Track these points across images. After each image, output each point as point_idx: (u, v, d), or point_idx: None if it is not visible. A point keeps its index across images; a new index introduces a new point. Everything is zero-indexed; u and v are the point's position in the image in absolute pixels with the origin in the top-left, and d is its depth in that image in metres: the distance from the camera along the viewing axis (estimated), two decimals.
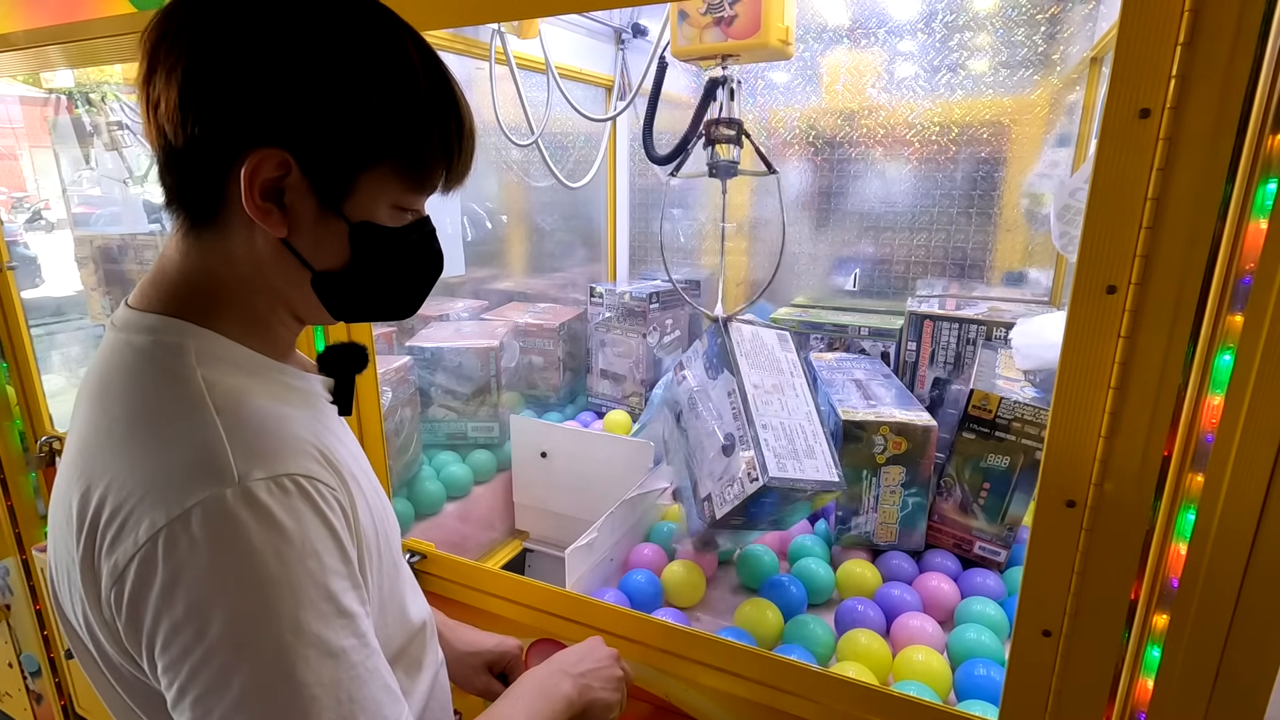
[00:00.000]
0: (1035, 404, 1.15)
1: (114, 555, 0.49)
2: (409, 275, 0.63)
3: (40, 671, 1.72)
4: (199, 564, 0.47)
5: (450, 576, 1.12)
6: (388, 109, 0.54)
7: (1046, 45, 1.50)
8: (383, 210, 0.58)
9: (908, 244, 1.75)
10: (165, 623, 0.47)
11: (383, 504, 0.66)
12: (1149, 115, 0.54)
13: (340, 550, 0.52)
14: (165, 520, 0.47)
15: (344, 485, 0.56)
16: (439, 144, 0.58)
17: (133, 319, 0.57)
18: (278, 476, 0.50)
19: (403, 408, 1.57)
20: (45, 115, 2.37)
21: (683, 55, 1.27)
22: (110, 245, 2.09)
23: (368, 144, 0.54)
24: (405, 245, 0.61)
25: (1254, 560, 0.57)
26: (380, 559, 0.62)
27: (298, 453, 0.53)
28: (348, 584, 0.52)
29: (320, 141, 0.53)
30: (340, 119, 0.53)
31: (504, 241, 2.12)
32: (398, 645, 0.67)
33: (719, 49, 1.20)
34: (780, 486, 1.06)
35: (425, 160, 0.58)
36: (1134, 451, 0.61)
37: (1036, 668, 0.70)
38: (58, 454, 1.60)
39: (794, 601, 1.18)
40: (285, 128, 0.52)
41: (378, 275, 0.60)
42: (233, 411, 0.52)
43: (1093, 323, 0.59)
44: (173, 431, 0.51)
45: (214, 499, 0.48)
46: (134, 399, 0.54)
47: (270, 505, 0.49)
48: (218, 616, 0.47)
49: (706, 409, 1.24)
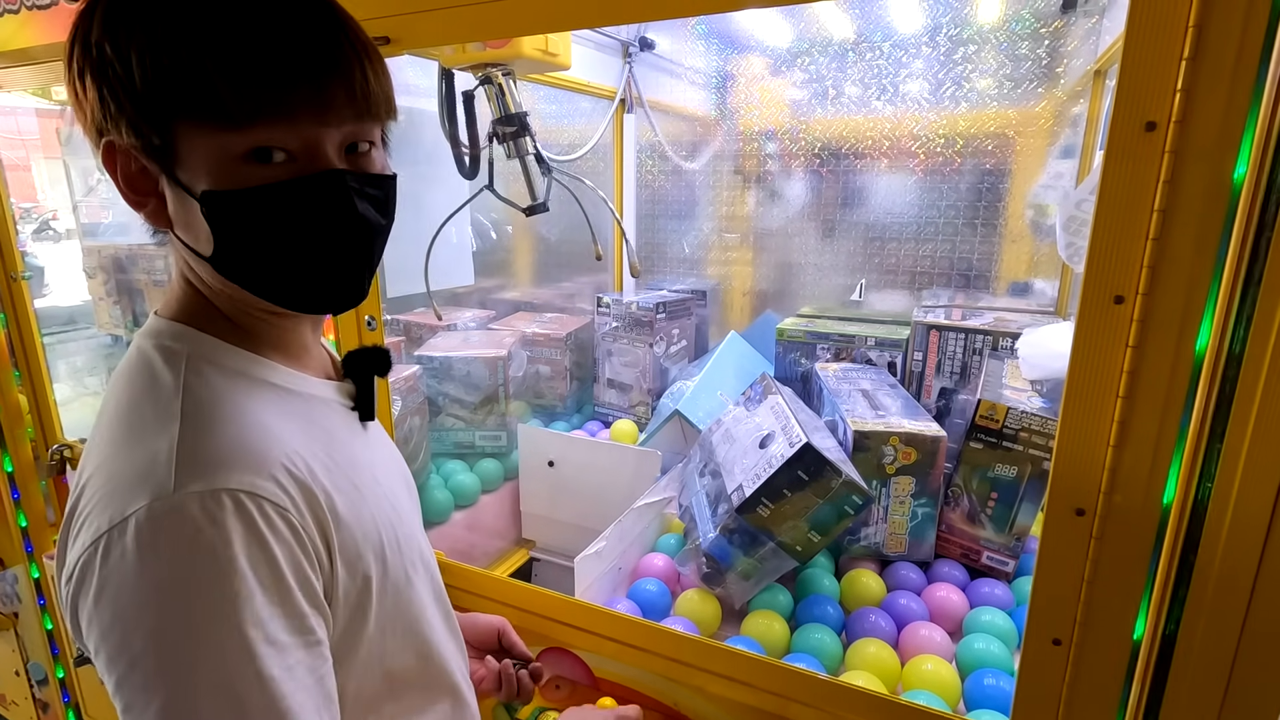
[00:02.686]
0: (1042, 414, 1.15)
1: (72, 554, 0.49)
2: (287, 239, 0.53)
3: (47, 680, 1.72)
4: (126, 574, 0.46)
5: (460, 585, 1.12)
6: (148, 53, 0.48)
7: (1050, 58, 1.51)
8: (220, 167, 0.50)
9: (914, 254, 1.76)
10: (95, 629, 0.47)
11: (398, 515, 0.64)
12: (1155, 128, 0.55)
13: (275, 573, 0.49)
14: (107, 526, 0.47)
15: (313, 501, 0.53)
16: (208, 63, 0.48)
17: (151, 325, 0.59)
18: (215, 491, 0.48)
19: (412, 416, 1.58)
20: (58, 126, 2.40)
21: (452, 64, 1.28)
22: (119, 255, 2.11)
23: (154, 97, 0.49)
24: (260, 199, 0.51)
25: (1264, 568, 0.57)
26: (386, 573, 0.60)
27: (248, 467, 0.50)
28: (278, 610, 0.49)
29: (130, 114, 0.50)
30: (127, 82, 0.49)
31: (510, 251, 2.13)
32: (400, 665, 0.63)
33: (481, 58, 1.23)
34: (817, 460, 1.07)
35: (203, 88, 0.48)
36: (1143, 460, 0.61)
37: (1046, 677, 0.70)
38: (69, 462, 1.61)
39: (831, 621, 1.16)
40: (108, 112, 0.51)
41: (247, 247, 0.53)
42: (196, 420, 0.51)
43: (1101, 333, 0.60)
44: (139, 436, 0.51)
45: (148, 509, 0.47)
46: (122, 401, 0.55)
47: (198, 520, 0.47)
48: (139, 631, 0.46)
49: (743, 432, 1.28)
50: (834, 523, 1.13)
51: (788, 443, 1.12)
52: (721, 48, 1.87)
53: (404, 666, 0.64)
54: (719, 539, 1.16)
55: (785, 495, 1.10)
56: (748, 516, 1.13)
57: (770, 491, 1.11)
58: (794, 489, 1.10)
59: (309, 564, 0.52)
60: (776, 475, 1.10)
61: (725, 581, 1.19)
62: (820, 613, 1.16)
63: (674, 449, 1.64)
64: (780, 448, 1.13)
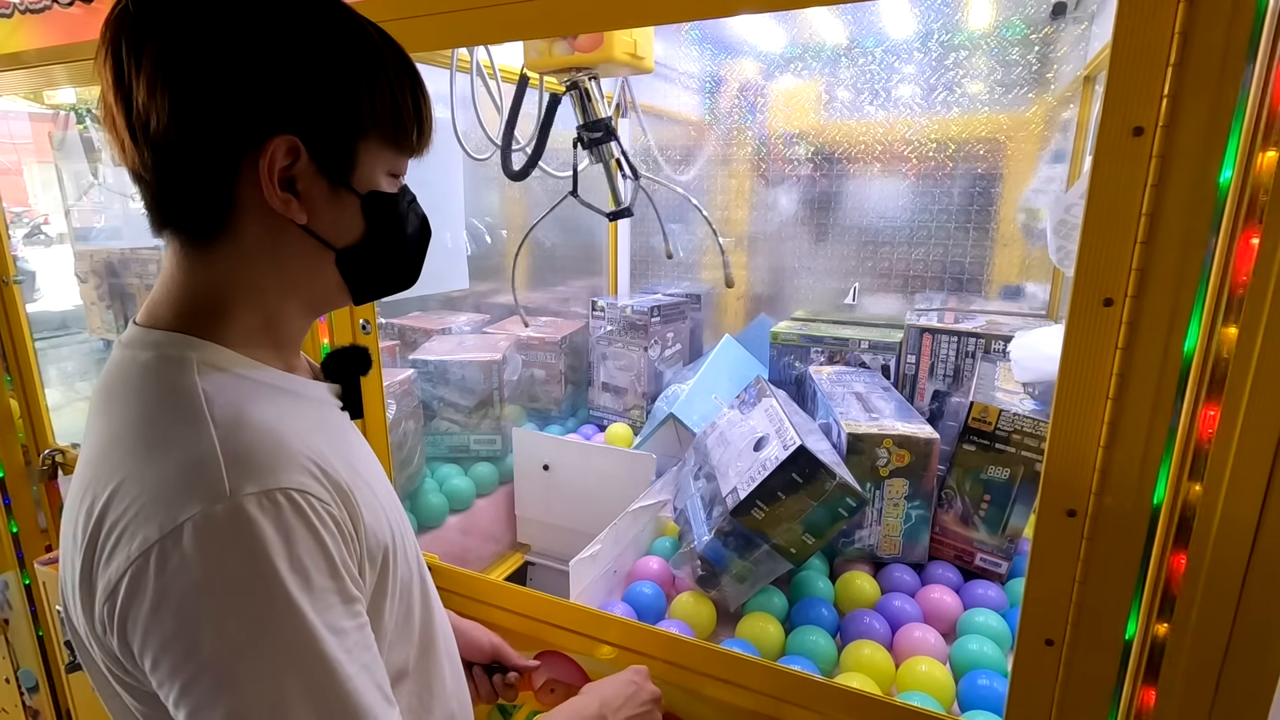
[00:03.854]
0: (1034, 416, 1.16)
1: (109, 569, 0.49)
2: (414, 238, 0.67)
3: (38, 687, 1.70)
4: (188, 580, 0.47)
5: (454, 588, 1.12)
6: (369, 79, 0.57)
7: (1040, 64, 1.53)
8: (381, 178, 0.61)
9: (906, 258, 1.77)
10: (155, 639, 0.47)
11: (399, 511, 0.66)
12: (1142, 133, 0.55)
13: (331, 565, 0.51)
14: (158, 535, 0.47)
15: (345, 497, 0.55)
16: (411, 106, 0.61)
17: (138, 336, 0.57)
18: (270, 490, 0.49)
19: (406, 420, 1.57)
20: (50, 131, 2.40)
21: (535, 68, 1.28)
22: (111, 259, 2.10)
23: (358, 115, 0.57)
24: (406, 209, 0.65)
25: (1253, 567, 0.58)
26: (397, 567, 0.61)
27: (291, 466, 0.52)
28: (337, 599, 0.52)
29: (320, 120, 0.55)
30: (334, 95, 0.55)
31: (505, 256, 2.13)
32: (415, 655, 0.66)
33: (567, 62, 1.22)
34: (811, 463, 1.07)
35: (404, 123, 0.61)
36: (1133, 461, 0.62)
37: (1039, 677, 0.70)
38: (60, 467, 1.60)
39: (826, 624, 1.16)
40: (286, 112, 0.54)
41: (392, 241, 0.63)
42: (229, 424, 0.52)
43: (1090, 335, 0.61)
44: (171, 445, 0.51)
45: (205, 514, 0.47)
46: (136, 413, 0.54)
47: (260, 521, 0.48)
48: (207, 635, 0.47)
49: (737, 435, 1.28)
50: (828, 525, 1.13)
51: (782, 445, 1.13)
52: (715, 53, 1.88)
53: (415, 658, 0.66)
54: (714, 542, 1.17)
55: (779, 498, 1.11)
56: (742, 519, 1.13)
57: (765, 494, 1.11)
58: (788, 491, 1.10)
59: (350, 555, 0.55)
60: (771, 478, 1.10)
61: (720, 584, 1.19)
62: (815, 615, 1.17)
63: (669, 452, 1.65)
64: (774, 450, 1.13)
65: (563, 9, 0.79)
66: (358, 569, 0.56)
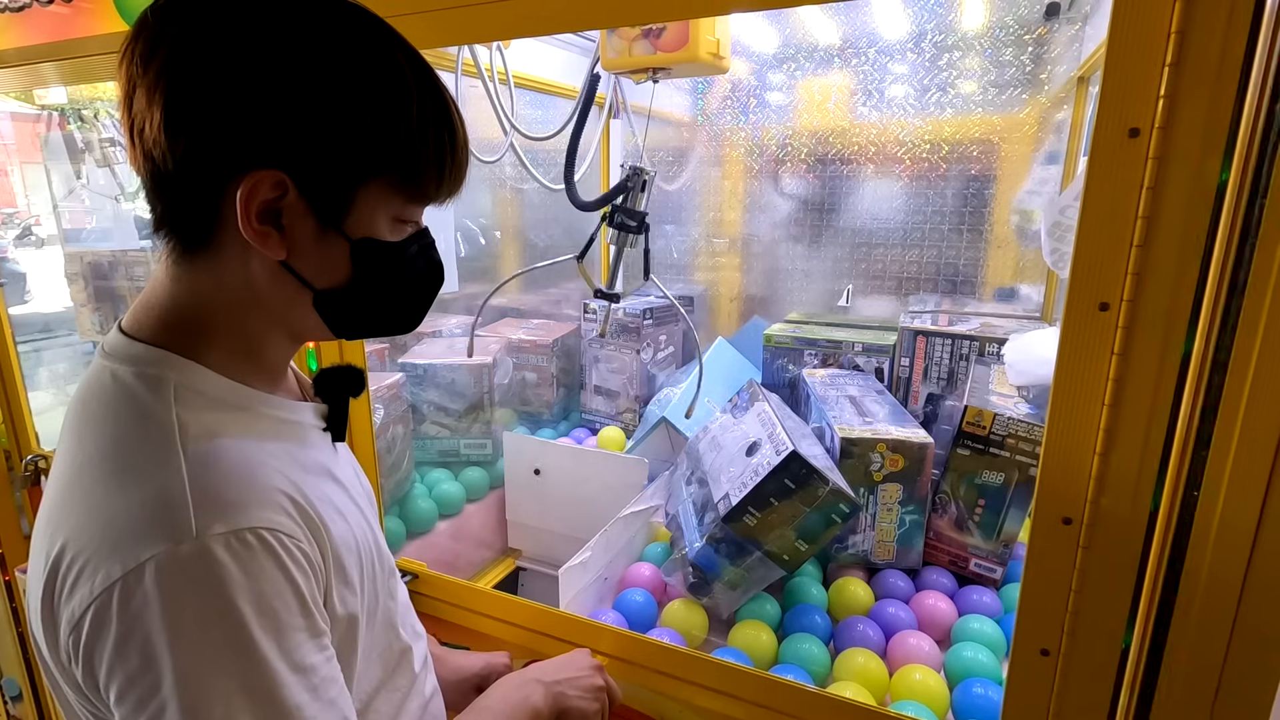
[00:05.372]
0: (1029, 420, 1.15)
1: (71, 603, 0.48)
2: (412, 288, 0.62)
3: (21, 696, 1.68)
4: (152, 619, 0.46)
5: (442, 596, 1.10)
6: (382, 122, 0.53)
7: (1034, 65, 1.52)
8: (382, 224, 0.57)
9: (900, 260, 1.76)
10: (119, 675, 0.47)
11: (374, 536, 0.65)
12: (1138, 135, 0.54)
13: (301, 603, 0.51)
14: (120, 573, 0.46)
15: (316, 530, 0.54)
16: (433, 155, 0.56)
17: (120, 347, 0.56)
18: (239, 530, 0.48)
19: (395, 425, 1.55)
20: (37, 131, 2.37)
21: (613, 68, 1.25)
22: (101, 261, 2.08)
23: (363, 159, 0.53)
24: (406, 258, 0.60)
25: (1251, 575, 0.57)
26: (363, 594, 0.61)
27: (264, 503, 0.51)
28: (305, 635, 0.51)
29: (316, 159, 0.52)
30: (335, 135, 0.51)
31: (497, 258, 2.12)
32: (379, 678, 0.66)
33: (648, 61, 1.19)
34: (803, 469, 1.06)
35: (421, 171, 0.57)
36: (1129, 468, 0.60)
37: (1035, 687, 0.69)
38: (43, 472, 1.58)
39: (819, 631, 1.15)
40: (279, 147, 0.51)
41: (381, 290, 0.59)
42: (201, 458, 0.51)
43: (1086, 340, 0.59)
44: (138, 477, 0.50)
45: (169, 554, 0.46)
46: (106, 438, 0.52)
47: (226, 562, 0.47)
48: (169, 673, 0.46)
49: (730, 439, 1.26)
50: (821, 531, 1.12)
51: (774, 451, 1.11)
52: None
53: (379, 680, 0.66)
54: (706, 548, 1.15)
55: (772, 504, 1.09)
56: (734, 526, 1.12)
57: (757, 500, 1.10)
58: (781, 497, 1.09)
59: (320, 590, 0.54)
60: (763, 484, 1.09)
61: (712, 591, 1.18)
62: (808, 622, 1.15)
63: (661, 456, 1.63)
64: (767, 456, 1.12)
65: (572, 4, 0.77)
66: (325, 598, 0.55)
